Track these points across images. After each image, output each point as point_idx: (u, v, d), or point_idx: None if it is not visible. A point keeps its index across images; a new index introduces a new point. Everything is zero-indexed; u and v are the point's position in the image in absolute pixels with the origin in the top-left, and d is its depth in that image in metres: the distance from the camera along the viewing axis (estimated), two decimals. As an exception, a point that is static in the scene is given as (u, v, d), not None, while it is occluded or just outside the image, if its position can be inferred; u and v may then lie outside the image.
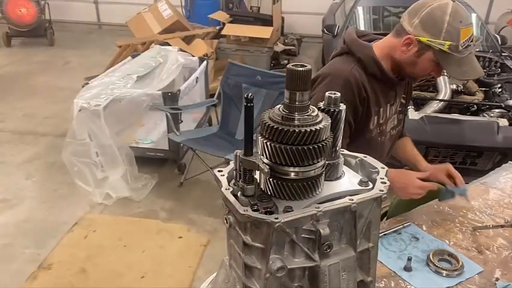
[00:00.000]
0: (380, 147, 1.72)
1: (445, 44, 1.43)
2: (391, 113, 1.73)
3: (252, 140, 0.71)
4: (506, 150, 3.38)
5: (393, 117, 1.76)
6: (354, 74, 1.56)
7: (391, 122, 1.75)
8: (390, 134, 1.77)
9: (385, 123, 1.70)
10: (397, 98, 1.73)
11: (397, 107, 1.76)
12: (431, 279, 1.42)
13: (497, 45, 4.85)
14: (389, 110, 1.70)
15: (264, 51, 6.12)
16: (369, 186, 0.77)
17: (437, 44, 1.44)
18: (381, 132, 1.69)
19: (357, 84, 1.54)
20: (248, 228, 0.70)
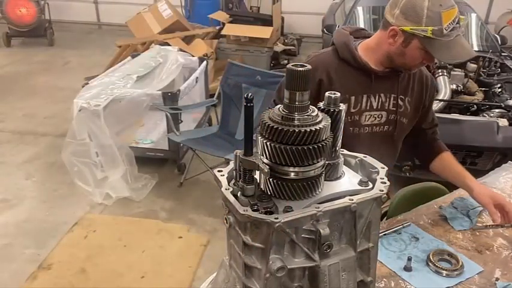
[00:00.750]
0: (352, 138, 1.62)
1: (428, 30, 1.42)
2: (373, 107, 1.66)
3: (252, 140, 0.71)
4: (506, 150, 3.38)
5: (378, 113, 1.68)
6: (320, 56, 1.63)
7: (373, 117, 1.68)
8: (371, 130, 1.69)
9: (359, 114, 1.65)
10: (388, 94, 1.67)
11: (389, 105, 1.68)
12: (431, 279, 1.42)
13: (497, 45, 4.86)
14: (368, 102, 1.64)
15: (264, 51, 6.12)
16: (369, 186, 0.77)
17: (420, 31, 1.43)
18: (352, 122, 1.64)
19: (316, 65, 1.57)
20: (248, 228, 0.70)
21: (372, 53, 1.61)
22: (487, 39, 5.00)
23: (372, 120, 1.68)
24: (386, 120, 1.70)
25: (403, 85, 1.70)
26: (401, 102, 1.70)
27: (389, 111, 1.69)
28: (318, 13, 7.79)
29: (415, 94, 1.73)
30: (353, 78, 1.61)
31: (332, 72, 1.61)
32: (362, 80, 1.62)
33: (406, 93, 1.71)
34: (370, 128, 1.68)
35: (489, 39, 4.97)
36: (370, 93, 1.64)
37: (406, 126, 1.76)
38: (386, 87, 1.67)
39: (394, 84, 1.67)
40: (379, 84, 1.64)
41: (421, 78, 1.74)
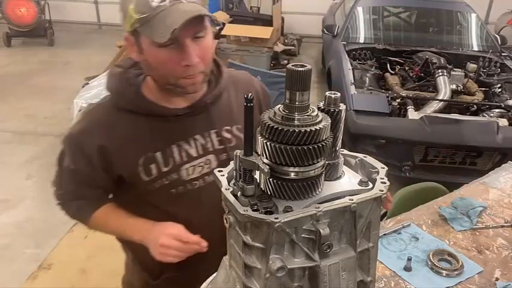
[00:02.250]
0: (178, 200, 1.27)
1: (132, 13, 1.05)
2: (191, 156, 1.26)
3: (252, 140, 0.71)
4: (506, 150, 3.39)
5: (203, 160, 1.27)
6: (93, 114, 1.24)
7: (198, 167, 1.27)
8: (204, 181, 1.29)
9: (177, 170, 1.24)
10: (206, 132, 1.27)
11: (213, 145, 1.28)
12: (431, 279, 1.42)
13: (497, 45, 4.86)
14: (182, 152, 1.24)
15: (264, 51, 6.12)
16: (369, 186, 0.77)
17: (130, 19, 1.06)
18: (171, 183, 1.25)
19: (90, 128, 1.21)
20: (248, 228, 0.70)
21: (156, 89, 1.22)
22: (487, 39, 5.01)
23: (199, 171, 1.27)
24: (218, 163, 1.29)
25: (223, 113, 1.30)
26: (228, 134, 1.31)
27: (218, 152, 1.29)
28: (318, 13, 7.80)
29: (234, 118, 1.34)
30: (148, 129, 1.22)
31: (116, 130, 1.20)
32: (163, 127, 1.22)
33: (231, 121, 1.31)
34: (200, 180, 1.29)
35: (489, 39, 4.97)
36: (180, 140, 1.24)
37: None
38: (201, 125, 1.27)
39: (208, 118, 1.27)
40: (188, 125, 1.25)
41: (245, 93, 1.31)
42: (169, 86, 1.16)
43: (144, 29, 1.06)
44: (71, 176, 1.28)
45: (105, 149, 1.20)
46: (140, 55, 1.13)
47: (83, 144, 1.21)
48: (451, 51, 4.76)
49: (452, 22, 5.31)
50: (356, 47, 4.79)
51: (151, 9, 1.03)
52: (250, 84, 1.42)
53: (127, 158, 1.21)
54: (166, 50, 1.08)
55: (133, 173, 1.22)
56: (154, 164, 1.22)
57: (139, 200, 1.28)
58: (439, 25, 5.34)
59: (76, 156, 1.23)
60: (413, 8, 5.42)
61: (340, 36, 5.00)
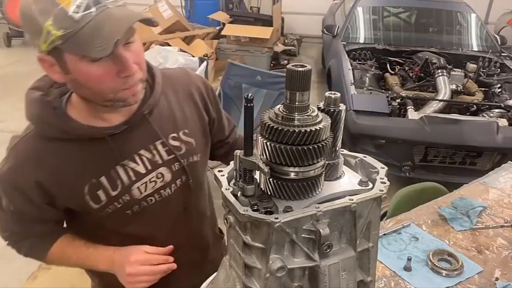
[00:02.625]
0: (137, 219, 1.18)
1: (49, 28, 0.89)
2: (140, 173, 1.15)
3: (252, 140, 0.71)
4: (505, 150, 3.39)
5: (155, 174, 1.17)
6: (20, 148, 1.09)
7: (150, 182, 1.17)
8: (160, 196, 1.20)
9: (127, 191, 1.14)
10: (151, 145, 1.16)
11: (161, 156, 1.18)
12: (431, 279, 1.42)
13: (496, 45, 4.87)
14: (129, 171, 1.13)
15: (264, 52, 6.12)
16: (369, 186, 0.77)
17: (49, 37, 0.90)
18: (125, 204, 1.14)
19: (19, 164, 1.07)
20: (248, 228, 0.70)
21: (84, 107, 1.09)
22: (486, 39, 5.01)
23: (152, 187, 1.17)
24: (172, 174, 1.20)
25: (166, 120, 1.19)
26: (176, 142, 1.20)
27: (168, 163, 1.19)
28: (318, 13, 7.80)
29: (191, 117, 1.25)
30: (85, 155, 1.09)
31: (49, 163, 1.07)
32: (101, 150, 1.10)
33: (176, 127, 1.21)
34: (155, 195, 1.19)
35: (489, 40, 4.98)
36: (123, 160, 1.12)
37: (200, 162, 1.28)
38: (143, 139, 1.15)
39: (149, 129, 1.15)
40: (130, 142, 1.13)
41: (187, 94, 1.26)
42: (107, 103, 1.03)
43: (69, 45, 0.91)
44: (14, 217, 1.15)
45: (42, 185, 1.07)
46: (65, 75, 0.98)
47: (16, 184, 1.08)
48: (451, 52, 4.76)
49: (452, 22, 5.32)
50: (356, 47, 4.79)
51: (75, 23, 0.89)
52: (190, 81, 1.29)
53: (69, 189, 1.10)
54: (100, 64, 0.95)
55: (81, 203, 1.11)
56: (102, 190, 1.11)
57: (95, 227, 1.19)
58: (439, 25, 5.34)
59: (13, 197, 1.10)
60: (413, 8, 5.43)
61: (340, 36, 5.01)
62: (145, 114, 1.14)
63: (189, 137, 1.23)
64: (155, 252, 1.18)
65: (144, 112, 1.13)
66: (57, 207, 1.13)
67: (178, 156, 1.20)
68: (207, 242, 1.43)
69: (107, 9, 0.92)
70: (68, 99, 1.11)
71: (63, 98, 1.11)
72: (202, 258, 1.39)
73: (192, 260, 1.31)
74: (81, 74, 0.97)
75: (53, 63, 0.98)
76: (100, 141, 1.09)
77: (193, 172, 1.24)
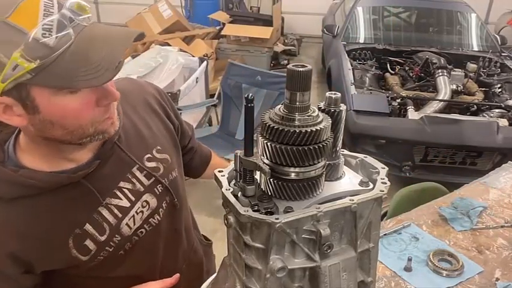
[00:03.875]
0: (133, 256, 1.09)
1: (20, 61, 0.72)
2: (124, 208, 1.03)
3: (252, 140, 0.71)
4: (506, 150, 3.39)
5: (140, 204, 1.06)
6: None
7: (137, 213, 1.06)
8: (150, 225, 1.10)
9: (117, 230, 1.02)
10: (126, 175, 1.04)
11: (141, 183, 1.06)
12: (431, 279, 1.42)
13: (497, 45, 4.87)
14: (112, 210, 1.01)
15: (264, 52, 6.12)
16: (370, 186, 0.77)
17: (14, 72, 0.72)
18: (117, 245, 1.03)
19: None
20: (248, 229, 0.70)
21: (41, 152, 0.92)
22: (487, 39, 5.01)
23: (140, 217, 1.07)
24: (157, 199, 1.10)
25: (135, 142, 1.07)
26: (152, 163, 1.09)
27: (150, 188, 1.08)
28: (318, 13, 7.80)
29: (158, 131, 1.14)
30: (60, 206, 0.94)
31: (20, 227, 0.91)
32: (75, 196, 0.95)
33: (147, 147, 1.09)
34: (145, 226, 1.09)
35: (489, 39, 4.98)
36: (104, 199, 1.00)
37: (179, 177, 1.19)
38: (118, 170, 1.03)
39: (123, 158, 1.03)
40: (105, 178, 1.00)
41: (145, 106, 1.14)
42: (84, 140, 0.88)
43: (43, 78, 0.74)
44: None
45: (16, 255, 0.91)
46: (31, 116, 0.81)
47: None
48: (451, 51, 4.76)
49: (452, 22, 5.32)
50: (356, 47, 4.79)
51: (50, 50, 0.73)
52: (143, 91, 1.16)
53: (51, 249, 0.95)
54: (79, 95, 0.80)
55: (67, 259, 0.97)
56: (89, 239, 0.98)
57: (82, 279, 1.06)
58: (439, 25, 5.34)
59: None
60: (413, 8, 5.43)
61: (340, 36, 5.01)
62: (114, 142, 0.99)
63: (163, 154, 1.12)
64: (164, 286, 1.12)
65: (114, 140, 0.99)
66: (36, 272, 0.97)
67: (158, 177, 1.09)
68: (200, 255, 1.38)
69: (84, 28, 0.77)
70: (14, 147, 0.93)
71: (7, 147, 0.93)
72: (199, 272, 1.36)
73: (191, 278, 1.24)
74: (55, 110, 0.80)
75: (11, 105, 0.79)
76: (74, 186, 0.93)
77: (176, 190, 1.15)
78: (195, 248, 1.36)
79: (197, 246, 1.38)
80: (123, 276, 1.10)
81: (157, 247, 1.15)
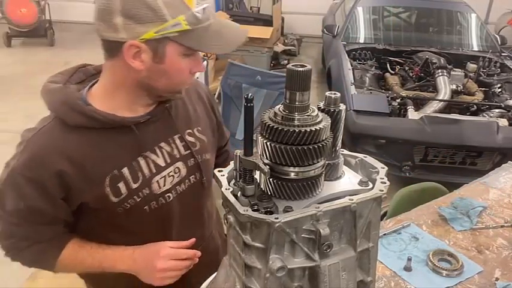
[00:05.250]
0: (155, 218, 1.18)
1: (181, 22, 0.98)
2: (160, 166, 1.16)
3: (252, 140, 0.71)
4: (506, 150, 3.39)
5: (173, 169, 1.18)
6: (41, 138, 1.07)
7: (169, 177, 1.18)
8: (177, 193, 1.20)
9: (148, 185, 1.14)
10: (170, 139, 1.19)
11: (179, 151, 1.20)
12: (431, 279, 1.42)
13: (497, 45, 4.86)
14: (150, 163, 1.14)
15: (264, 51, 6.12)
16: (369, 186, 0.77)
17: (170, 29, 0.98)
18: (143, 199, 1.14)
19: (42, 153, 1.05)
20: (248, 228, 0.70)
21: (112, 97, 1.10)
22: (487, 39, 5.01)
23: (170, 182, 1.18)
24: (187, 170, 1.22)
25: (182, 116, 1.23)
26: (192, 138, 1.24)
27: (185, 158, 1.21)
28: (318, 13, 7.80)
29: (202, 116, 1.30)
30: (109, 144, 1.09)
31: (72, 152, 1.06)
32: (123, 140, 1.10)
33: (191, 124, 1.25)
34: (173, 192, 1.20)
35: (489, 39, 4.98)
36: (146, 151, 1.14)
37: (211, 161, 1.31)
38: (164, 131, 1.18)
39: (169, 123, 1.18)
40: (152, 133, 1.14)
41: (197, 94, 1.32)
42: (169, 94, 1.13)
43: (186, 38, 1.01)
44: (23, 219, 1.10)
45: (63, 175, 1.04)
46: (152, 64, 1.02)
47: (33, 176, 1.04)
48: (451, 51, 4.76)
49: (452, 22, 5.32)
50: (356, 47, 4.79)
51: (196, 19, 1.00)
52: (197, 85, 1.36)
53: (90, 180, 1.07)
54: (188, 60, 1.05)
55: (100, 196, 1.09)
56: (123, 182, 1.10)
57: (104, 228, 1.16)
58: (439, 25, 5.34)
59: (27, 192, 1.05)
60: (413, 8, 5.42)
61: (340, 36, 5.00)
62: (166, 107, 1.17)
63: (202, 135, 1.27)
64: (180, 246, 1.17)
65: (166, 105, 1.17)
66: (71, 203, 1.10)
67: (193, 152, 1.22)
68: (217, 244, 1.43)
69: (216, 20, 1.07)
70: (86, 96, 1.11)
71: (82, 91, 1.12)
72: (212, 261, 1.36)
73: (203, 264, 1.25)
74: (172, 64, 1.04)
75: (144, 51, 1.01)
76: (124, 131, 1.10)
77: (206, 170, 1.26)
78: (213, 235, 1.42)
79: (215, 236, 1.43)
80: (139, 236, 1.18)
81: (178, 218, 1.24)
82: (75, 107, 1.06)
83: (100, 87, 1.12)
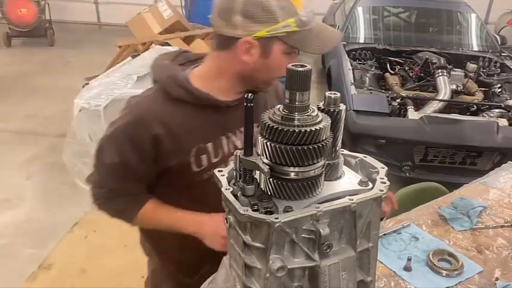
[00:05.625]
0: None
1: (291, 24, 1.13)
2: (238, 147, 1.29)
3: (252, 140, 0.71)
4: (506, 150, 3.39)
5: None
6: (145, 104, 1.24)
7: None
8: None
9: (225, 162, 1.29)
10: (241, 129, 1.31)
11: None
12: (431, 279, 1.42)
13: (497, 45, 4.87)
14: (230, 143, 1.31)
15: (264, 51, 6.11)
16: (369, 186, 0.77)
17: (281, 29, 1.13)
18: None
19: (144, 118, 1.21)
20: (248, 228, 0.70)
21: (212, 81, 1.26)
22: (487, 39, 5.01)
23: None
24: None
25: (260, 107, 1.32)
26: None
27: None
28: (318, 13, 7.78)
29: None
30: (200, 120, 1.25)
31: (169, 120, 1.22)
32: (212, 119, 1.26)
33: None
34: None
35: (489, 39, 4.98)
36: (228, 131, 1.30)
37: None
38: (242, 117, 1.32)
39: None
40: (237, 117, 1.24)
41: (274, 92, 1.44)
42: (263, 86, 1.28)
43: (292, 38, 1.15)
44: (116, 172, 1.27)
45: (159, 138, 1.21)
46: (258, 59, 1.17)
47: (134, 136, 1.21)
48: (451, 51, 4.76)
49: (452, 22, 5.31)
50: (356, 47, 4.79)
51: (302, 22, 1.15)
52: (276, 85, 1.46)
53: (180, 147, 1.23)
54: (287, 57, 1.19)
55: (184, 163, 1.24)
56: (205, 155, 1.26)
57: (179, 194, 1.30)
58: (439, 25, 5.34)
59: (125, 150, 1.22)
60: (413, 8, 5.42)
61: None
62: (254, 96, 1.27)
63: None
64: None
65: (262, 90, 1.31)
66: (159, 165, 1.25)
67: None
68: None
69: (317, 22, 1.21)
70: (188, 75, 1.26)
71: (185, 71, 1.27)
72: None
73: None
74: (275, 60, 1.18)
75: (254, 47, 1.15)
76: (215, 110, 1.24)
77: None
78: None
79: None
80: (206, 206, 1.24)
81: None
82: (179, 82, 1.22)
83: (202, 70, 1.28)
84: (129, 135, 1.21)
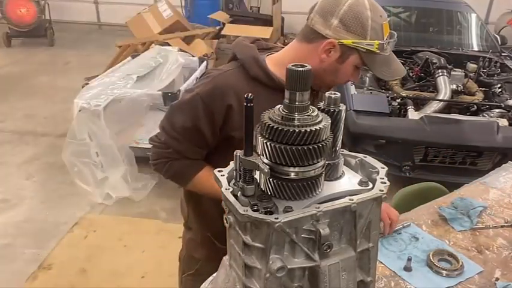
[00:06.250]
0: None
1: (374, 44, 1.24)
2: None
3: (252, 140, 0.71)
4: (506, 150, 3.39)
5: None
6: (227, 75, 1.36)
7: None
8: None
9: None
10: None
11: None
12: (431, 279, 1.42)
13: (497, 45, 4.86)
14: None
15: (264, 52, 6.12)
16: (369, 186, 0.77)
17: (364, 45, 1.24)
18: None
19: (225, 88, 1.33)
20: (248, 228, 0.70)
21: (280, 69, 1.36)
22: (487, 39, 5.01)
23: None
24: None
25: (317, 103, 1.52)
26: None
27: None
28: (318, 13, 7.78)
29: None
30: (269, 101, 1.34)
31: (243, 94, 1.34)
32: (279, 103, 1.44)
33: None
34: None
35: (489, 39, 4.97)
36: None
37: None
38: None
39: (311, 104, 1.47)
40: None
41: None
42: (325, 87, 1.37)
43: (368, 57, 1.27)
44: (186, 135, 1.36)
45: (231, 109, 1.32)
46: (333, 62, 1.29)
47: (210, 104, 1.31)
48: (451, 51, 4.75)
49: (452, 22, 5.31)
50: (356, 47, 4.78)
51: (382, 47, 1.26)
52: None
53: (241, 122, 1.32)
54: (355, 71, 1.32)
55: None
56: None
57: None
58: (439, 25, 5.34)
59: (200, 115, 1.32)
60: (414, 8, 5.42)
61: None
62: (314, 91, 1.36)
63: None
64: None
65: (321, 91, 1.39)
66: (223, 132, 1.35)
67: None
68: None
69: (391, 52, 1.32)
70: (264, 60, 1.37)
71: (262, 56, 1.39)
72: None
73: None
74: (346, 69, 1.30)
75: (335, 50, 1.26)
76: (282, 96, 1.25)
77: None
78: None
79: None
80: None
81: None
82: (259, 63, 1.34)
83: (280, 57, 1.39)
84: (207, 103, 1.31)
